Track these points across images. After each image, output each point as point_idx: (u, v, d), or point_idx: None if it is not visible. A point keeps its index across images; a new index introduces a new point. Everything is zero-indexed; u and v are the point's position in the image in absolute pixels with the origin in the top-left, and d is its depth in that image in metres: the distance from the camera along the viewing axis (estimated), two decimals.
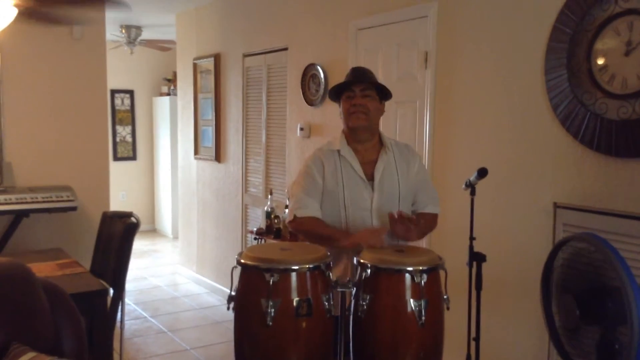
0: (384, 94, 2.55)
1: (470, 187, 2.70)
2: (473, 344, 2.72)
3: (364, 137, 2.53)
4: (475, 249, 2.69)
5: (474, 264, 2.68)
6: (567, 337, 2.34)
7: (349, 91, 2.49)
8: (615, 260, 2.09)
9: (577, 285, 2.31)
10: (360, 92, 2.47)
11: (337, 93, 2.56)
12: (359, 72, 2.56)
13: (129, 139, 8.93)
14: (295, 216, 2.49)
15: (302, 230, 2.54)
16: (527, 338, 3.01)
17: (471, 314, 2.72)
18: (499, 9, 3.11)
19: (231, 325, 2.30)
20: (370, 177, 2.49)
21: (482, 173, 2.61)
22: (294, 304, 2.12)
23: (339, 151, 2.51)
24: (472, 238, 2.68)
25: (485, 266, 2.68)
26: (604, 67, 2.61)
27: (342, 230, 2.46)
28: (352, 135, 2.54)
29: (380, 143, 2.57)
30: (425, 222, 2.53)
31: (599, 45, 2.62)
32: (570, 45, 2.72)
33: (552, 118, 2.84)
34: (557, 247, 2.42)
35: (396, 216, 2.34)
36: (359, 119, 2.47)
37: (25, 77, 4.79)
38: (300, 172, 2.60)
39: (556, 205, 2.84)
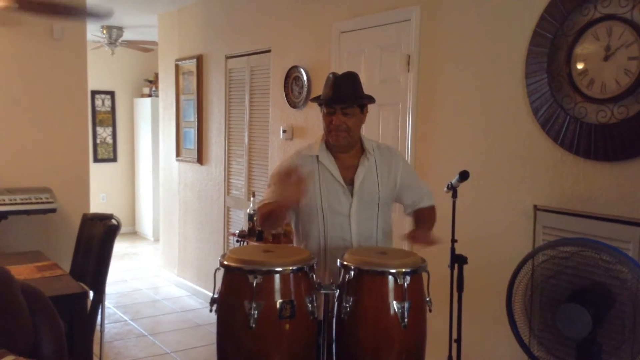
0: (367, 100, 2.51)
1: (452, 189, 2.71)
2: (455, 345, 2.74)
3: (344, 150, 2.48)
4: (457, 252, 2.70)
5: (456, 266, 2.70)
6: (545, 351, 2.35)
7: (329, 107, 2.42)
8: (622, 255, 2.13)
9: (557, 294, 2.33)
10: (341, 111, 2.39)
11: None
12: (340, 86, 2.39)
13: (109, 140, 8.85)
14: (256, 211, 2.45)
15: (260, 218, 2.45)
16: (508, 340, 3.03)
17: (452, 315, 2.74)
18: (481, 13, 3.15)
19: (213, 329, 2.29)
20: (350, 182, 2.45)
21: (464, 176, 2.63)
22: (277, 306, 2.12)
23: (317, 157, 2.48)
24: (453, 240, 2.70)
25: (466, 268, 2.69)
26: (583, 72, 2.65)
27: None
28: (332, 145, 2.48)
29: (362, 148, 2.52)
30: (428, 218, 2.58)
31: (578, 49, 2.65)
32: (550, 49, 2.76)
33: (533, 121, 2.87)
34: (523, 262, 2.45)
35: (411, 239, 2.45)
36: (339, 137, 2.41)
37: (4, 77, 4.74)
38: (272, 175, 2.55)
39: (536, 208, 2.87)
